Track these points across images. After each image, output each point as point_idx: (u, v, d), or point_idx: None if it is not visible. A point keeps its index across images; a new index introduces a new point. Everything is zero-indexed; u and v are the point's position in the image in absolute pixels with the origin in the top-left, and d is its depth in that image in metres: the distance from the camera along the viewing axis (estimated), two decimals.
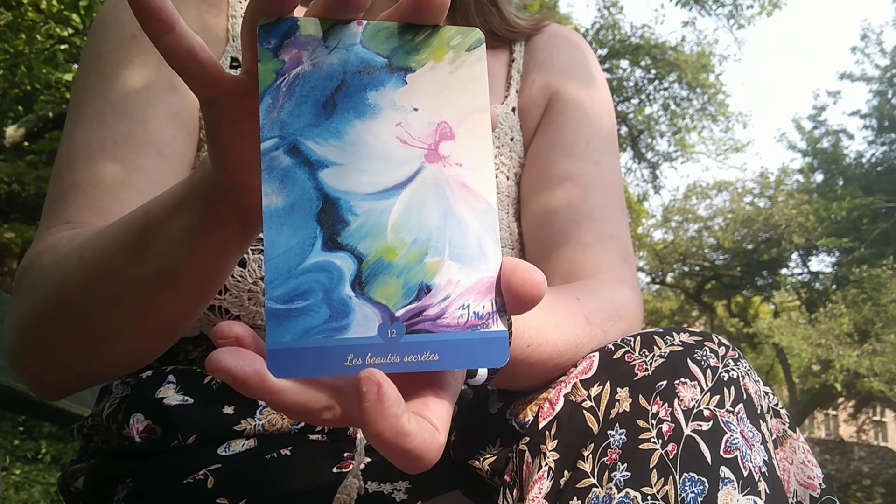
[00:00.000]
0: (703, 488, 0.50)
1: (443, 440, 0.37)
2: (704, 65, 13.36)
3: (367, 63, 0.38)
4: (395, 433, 0.35)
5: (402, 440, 0.35)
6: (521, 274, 0.38)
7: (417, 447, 0.36)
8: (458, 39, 0.39)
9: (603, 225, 0.79)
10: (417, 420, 0.36)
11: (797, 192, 17.95)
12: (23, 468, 5.65)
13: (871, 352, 14.96)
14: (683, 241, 18.92)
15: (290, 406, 0.36)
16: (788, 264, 18.38)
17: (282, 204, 0.36)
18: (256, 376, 0.34)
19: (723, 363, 0.56)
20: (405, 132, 0.38)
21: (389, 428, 0.34)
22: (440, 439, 0.37)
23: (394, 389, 0.35)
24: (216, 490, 0.63)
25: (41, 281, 0.59)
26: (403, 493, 0.62)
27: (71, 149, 0.70)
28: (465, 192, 0.38)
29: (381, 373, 0.35)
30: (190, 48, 0.39)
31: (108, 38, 0.74)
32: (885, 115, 17.77)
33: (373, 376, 0.34)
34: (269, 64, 0.37)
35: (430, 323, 0.37)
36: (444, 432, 0.37)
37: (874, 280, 15.10)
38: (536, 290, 0.38)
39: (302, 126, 0.37)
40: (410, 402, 0.38)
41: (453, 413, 0.55)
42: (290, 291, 0.35)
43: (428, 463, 0.36)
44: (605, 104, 0.89)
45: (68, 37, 5.76)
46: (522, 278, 0.38)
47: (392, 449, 0.35)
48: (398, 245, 0.37)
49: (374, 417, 0.34)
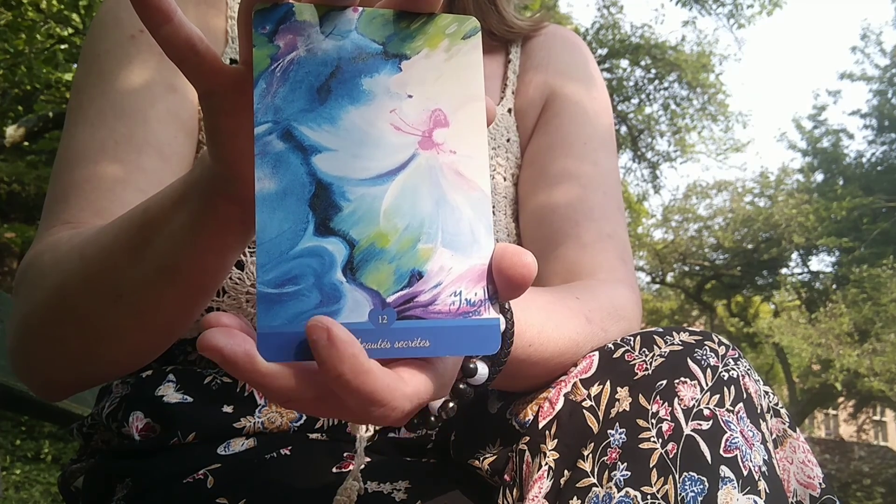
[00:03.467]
0: (703, 487, 0.50)
1: (409, 391, 0.36)
2: (704, 64, 13.36)
3: (362, 49, 0.38)
4: (354, 372, 0.34)
5: (362, 378, 0.34)
6: (510, 257, 0.38)
7: (380, 389, 0.35)
8: (454, 27, 0.39)
9: (602, 224, 0.79)
10: (380, 367, 0.35)
11: (797, 191, 17.94)
12: (23, 468, 5.65)
13: (871, 351, 14.96)
14: (683, 240, 18.92)
15: (279, 390, 0.36)
16: (788, 264, 18.38)
17: (274, 188, 0.36)
18: (246, 356, 0.34)
19: (723, 362, 0.56)
20: (399, 119, 0.38)
21: (349, 369, 0.34)
22: (406, 389, 0.36)
23: (345, 332, 0.34)
24: (216, 490, 0.63)
25: (42, 281, 0.59)
26: (403, 492, 0.62)
27: (71, 149, 0.70)
28: (459, 179, 0.38)
29: (328, 318, 0.34)
30: (188, 39, 0.39)
31: (108, 38, 0.74)
32: (885, 115, 17.76)
33: (319, 322, 0.34)
34: (264, 49, 0.37)
35: (422, 309, 0.37)
36: (412, 386, 0.37)
37: (874, 280, 15.09)
38: (527, 272, 0.37)
39: (296, 111, 0.37)
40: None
41: (453, 412, 0.55)
42: (281, 276, 0.35)
43: (391, 411, 0.36)
44: (602, 104, 0.89)
45: (68, 36, 5.76)
46: (512, 261, 0.37)
47: (354, 391, 0.34)
48: (390, 231, 0.37)
49: (331, 362, 0.34)
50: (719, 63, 15.59)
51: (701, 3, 12.17)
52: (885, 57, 17.90)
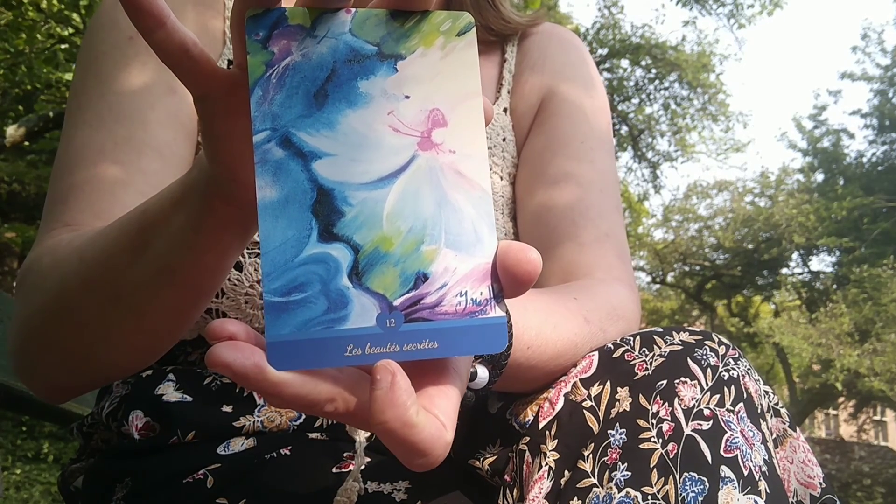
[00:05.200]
0: (703, 488, 0.50)
1: (450, 438, 0.37)
2: (705, 64, 13.35)
3: (356, 51, 0.37)
4: (402, 423, 0.34)
5: (408, 432, 0.35)
6: (515, 253, 0.37)
7: (424, 441, 0.35)
8: (448, 24, 0.39)
9: (599, 224, 0.79)
10: (426, 415, 0.36)
11: (798, 191, 17.93)
12: (23, 468, 5.66)
13: (871, 351, 14.95)
14: (684, 240, 18.91)
15: (291, 398, 0.36)
16: (789, 264, 18.37)
17: (276, 196, 0.36)
18: (256, 369, 0.34)
19: (723, 362, 0.56)
20: (397, 120, 0.37)
21: (397, 418, 0.34)
22: (447, 436, 0.37)
23: (407, 381, 0.34)
24: (216, 490, 0.62)
25: (42, 283, 0.59)
26: (403, 493, 0.62)
27: (70, 151, 0.70)
28: (459, 179, 0.38)
29: (396, 364, 0.34)
30: (182, 43, 0.39)
31: (106, 39, 0.74)
32: (885, 115, 17.75)
33: (389, 366, 0.34)
34: (259, 55, 0.36)
35: (429, 311, 0.37)
36: (451, 429, 0.37)
37: (875, 280, 15.09)
38: (532, 268, 0.37)
39: (293, 117, 0.36)
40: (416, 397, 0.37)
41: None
42: (287, 284, 0.35)
43: (434, 460, 0.36)
44: (599, 103, 0.88)
45: (69, 36, 5.76)
46: (517, 258, 0.37)
47: (398, 441, 0.35)
48: (394, 234, 0.37)
49: (382, 406, 0.34)
50: (720, 63, 15.60)
51: (701, 3, 12.17)
52: (886, 56, 17.89)
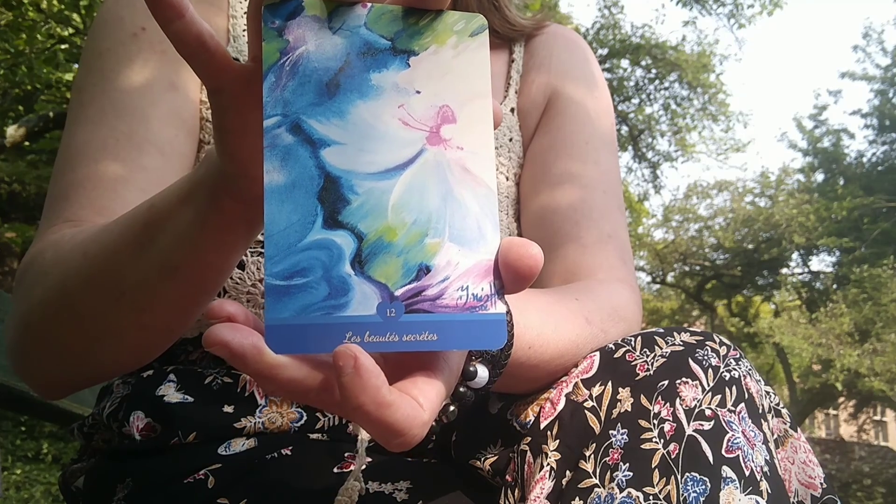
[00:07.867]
0: (704, 488, 0.50)
1: (427, 418, 0.37)
2: (705, 64, 13.36)
3: (370, 45, 0.38)
4: (376, 405, 0.34)
5: (383, 412, 0.34)
6: (517, 249, 0.38)
7: (399, 420, 0.35)
8: (462, 25, 0.39)
9: (602, 225, 0.79)
10: (399, 394, 0.36)
11: (798, 191, 17.93)
12: (24, 468, 5.65)
13: (871, 351, 14.95)
14: (684, 240, 18.91)
15: (286, 382, 0.36)
16: (789, 264, 18.37)
17: (283, 181, 0.36)
18: (254, 349, 0.34)
19: (724, 363, 0.56)
20: (407, 114, 0.38)
21: (370, 400, 0.34)
22: (425, 416, 0.36)
23: (370, 361, 0.34)
24: (217, 490, 0.62)
25: (43, 278, 0.59)
26: (404, 493, 0.62)
27: (72, 147, 0.70)
28: (466, 175, 0.38)
29: (356, 346, 0.34)
30: (199, 35, 0.39)
31: (109, 36, 0.74)
32: (886, 115, 17.75)
33: (347, 350, 0.34)
34: (274, 43, 0.37)
35: (429, 303, 0.37)
36: (429, 411, 0.37)
37: (875, 280, 15.09)
38: (533, 264, 0.38)
39: (305, 105, 0.37)
40: (400, 383, 0.37)
41: (454, 416, 0.55)
42: (289, 268, 0.35)
43: (411, 439, 0.36)
44: (604, 104, 0.89)
45: (69, 36, 5.76)
46: (519, 253, 0.38)
47: (374, 422, 0.35)
48: (398, 225, 0.37)
49: (353, 391, 0.34)
50: (720, 63, 15.61)
51: (701, 3, 12.17)
52: (886, 56, 17.89)
